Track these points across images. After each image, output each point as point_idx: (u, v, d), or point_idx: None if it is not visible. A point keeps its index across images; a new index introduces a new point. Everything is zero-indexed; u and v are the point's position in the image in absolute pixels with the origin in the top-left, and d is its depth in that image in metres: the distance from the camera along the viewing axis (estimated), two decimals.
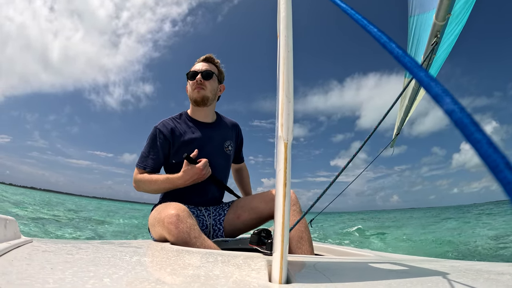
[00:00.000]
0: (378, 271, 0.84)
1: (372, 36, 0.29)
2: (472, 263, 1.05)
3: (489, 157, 0.16)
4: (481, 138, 0.17)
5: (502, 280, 0.71)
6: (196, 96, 1.74)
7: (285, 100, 0.61)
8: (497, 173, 0.16)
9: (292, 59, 0.64)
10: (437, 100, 0.20)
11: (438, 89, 0.20)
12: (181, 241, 1.22)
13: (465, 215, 18.47)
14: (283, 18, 0.65)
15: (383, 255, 1.41)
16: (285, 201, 0.58)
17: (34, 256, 0.64)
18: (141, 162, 1.71)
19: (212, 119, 1.86)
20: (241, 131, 2.04)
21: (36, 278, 0.45)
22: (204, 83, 1.74)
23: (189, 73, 1.79)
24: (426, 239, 9.09)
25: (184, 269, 0.67)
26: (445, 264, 0.99)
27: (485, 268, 0.90)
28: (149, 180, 1.65)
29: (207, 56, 1.84)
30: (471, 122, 0.18)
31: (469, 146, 0.17)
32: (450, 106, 0.19)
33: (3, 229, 0.75)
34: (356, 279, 0.69)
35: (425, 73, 0.22)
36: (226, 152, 1.84)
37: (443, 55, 2.45)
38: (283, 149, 0.60)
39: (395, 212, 41.87)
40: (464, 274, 0.77)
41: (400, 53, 0.26)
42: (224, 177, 1.88)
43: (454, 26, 2.10)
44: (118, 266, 0.62)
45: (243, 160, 2.16)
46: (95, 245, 0.98)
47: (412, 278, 0.71)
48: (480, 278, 0.72)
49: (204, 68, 1.76)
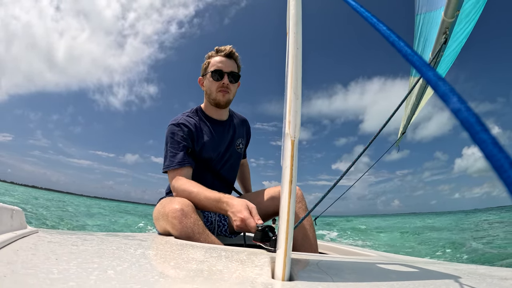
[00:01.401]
0: (381, 271, 0.83)
1: (381, 34, 0.29)
2: (476, 267, 1.04)
3: (493, 157, 0.16)
4: (487, 138, 0.17)
5: (504, 285, 0.71)
6: (220, 100, 1.66)
7: (293, 97, 0.61)
8: (501, 173, 0.16)
9: (301, 57, 0.64)
10: (444, 99, 0.20)
11: (445, 88, 0.20)
12: (185, 235, 1.22)
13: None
14: (292, 16, 0.65)
15: (386, 256, 1.40)
16: (291, 198, 0.58)
17: (39, 247, 0.65)
18: (175, 161, 1.54)
19: (226, 116, 1.81)
20: (250, 127, 2.01)
21: (40, 268, 0.46)
22: (229, 86, 1.65)
23: (213, 70, 1.64)
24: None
25: (188, 263, 0.67)
26: (448, 267, 0.99)
27: (488, 272, 0.89)
28: (190, 191, 1.42)
29: (231, 51, 1.69)
30: (476, 121, 0.18)
31: (475, 146, 0.17)
32: (456, 105, 0.19)
33: (10, 219, 0.76)
34: (359, 279, 0.69)
35: (433, 72, 0.22)
36: (237, 150, 1.83)
37: (452, 54, 2.41)
38: (290, 146, 0.60)
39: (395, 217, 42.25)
40: (467, 277, 0.77)
41: (408, 51, 0.26)
42: (234, 176, 1.87)
43: (464, 25, 2.06)
44: (122, 258, 0.63)
45: (245, 156, 2.14)
46: (100, 237, 0.99)
47: (415, 280, 0.71)
48: (483, 282, 0.72)
49: (230, 69, 1.65)
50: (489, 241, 7.93)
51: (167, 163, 1.57)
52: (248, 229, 1.19)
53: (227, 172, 1.78)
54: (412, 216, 51.78)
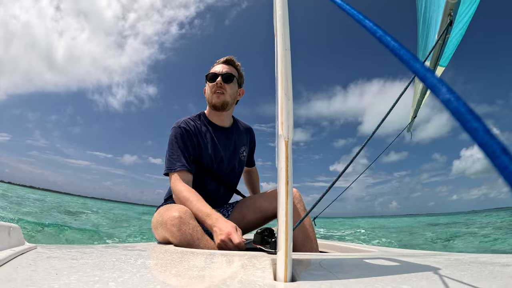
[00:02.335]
0: (383, 266, 0.84)
1: (368, 30, 0.30)
2: (477, 256, 1.05)
3: (485, 144, 0.17)
4: (478, 126, 0.17)
5: (507, 271, 0.71)
6: (215, 101, 1.67)
7: (284, 98, 0.61)
8: (494, 159, 0.16)
9: (290, 58, 0.64)
10: (434, 90, 0.20)
11: (433, 80, 0.20)
12: (185, 243, 1.22)
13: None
14: (279, 17, 0.66)
15: (387, 250, 1.41)
16: (288, 199, 0.58)
17: (38, 262, 0.65)
18: (176, 164, 1.56)
19: (229, 123, 1.81)
20: (254, 135, 2.03)
21: (41, 284, 0.46)
22: (224, 87, 1.67)
23: (209, 75, 1.70)
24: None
25: (189, 270, 0.67)
26: (450, 258, 0.99)
27: (490, 260, 0.90)
28: (187, 199, 1.44)
29: (228, 58, 1.75)
30: (467, 110, 0.18)
31: (466, 134, 0.18)
32: (446, 96, 0.19)
33: (7, 236, 0.75)
34: (361, 275, 0.69)
35: (420, 64, 0.23)
36: (241, 158, 1.83)
37: (457, 36, 2.42)
38: (284, 147, 0.60)
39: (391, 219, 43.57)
40: (469, 266, 0.77)
41: (396, 46, 0.26)
42: (236, 182, 1.88)
43: (468, 6, 2.09)
44: (123, 269, 0.62)
45: (254, 164, 2.15)
46: (100, 249, 0.98)
47: (418, 272, 0.71)
48: (485, 270, 0.72)
49: (224, 70, 1.69)
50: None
51: (168, 166, 1.58)
52: (231, 244, 1.20)
53: (229, 178, 1.78)
54: (408, 217, 53.52)
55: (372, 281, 0.60)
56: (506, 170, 0.15)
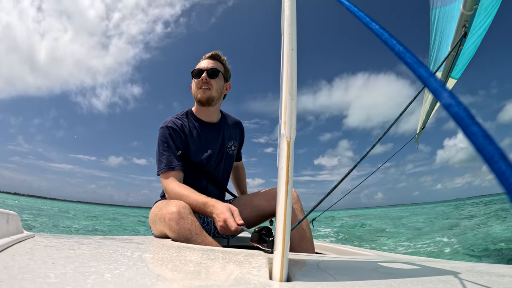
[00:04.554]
0: (379, 270, 0.84)
1: (374, 32, 0.30)
2: (473, 265, 1.05)
3: (484, 149, 0.17)
4: (477, 131, 0.17)
5: (503, 282, 0.71)
6: (200, 96, 1.67)
7: (289, 98, 0.61)
8: (492, 164, 0.16)
9: (296, 57, 0.64)
10: (436, 94, 0.20)
11: (436, 84, 0.21)
12: (182, 237, 1.22)
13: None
14: (287, 17, 0.66)
15: (383, 255, 1.41)
16: (287, 199, 0.59)
17: (36, 251, 0.65)
18: (166, 164, 1.58)
19: (217, 118, 1.81)
20: (244, 129, 2.01)
21: (37, 273, 0.46)
22: (209, 82, 1.66)
23: (194, 71, 1.70)
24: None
25: (185, 265, 0.67)
26: (446, 265, 0.99)
27: (486, 269, 0.90)
28: (182, 195, 1.46)
29: (213, 53, 1.75)
30: (467, 115, 0.18)
31: (466, 139, 0.18)
32: (447, 100, 0.19)
33: (5, 223, 0.76)
34: (356, 278, 0.69)
35: (424, 68, 0.23)
36: (229, 152, 1.83)
37: (472, 47, 2.40)
38: (285, 147, 0.60)
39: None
40: (465, 275, 0.77)
41: (401, 49, 0.26)
42: (226, 178, 1.88)
43: (483, 18, 2.07)
44: (119, 261, 0.62)
45: (241, 158, 2.15)
46: (97, 240, 0.99)
47: (413, 278, 0.71)
48: (481, 280, 0.72)
49: (209, 65, 1.69)
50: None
51: (159, 166, 1.60)
52: (230, 231, 1.24)
53: (219, 174, 1.78)
54: (394, 208, 53.78)
55: (368, 285, 0.60)
56: (503, 176, 0.16)
